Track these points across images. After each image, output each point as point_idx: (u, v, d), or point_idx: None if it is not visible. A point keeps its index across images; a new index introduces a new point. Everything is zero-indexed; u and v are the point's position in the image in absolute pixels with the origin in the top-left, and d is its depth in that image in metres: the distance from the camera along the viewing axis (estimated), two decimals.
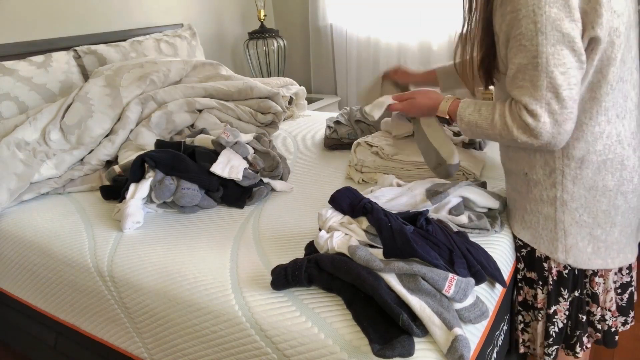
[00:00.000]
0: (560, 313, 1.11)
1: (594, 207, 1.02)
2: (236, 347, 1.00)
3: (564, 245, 1.05)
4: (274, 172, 1.55)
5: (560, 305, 1.10)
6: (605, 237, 1.04)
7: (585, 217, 1.02)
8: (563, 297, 1.09)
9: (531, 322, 1.18)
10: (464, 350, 0.78)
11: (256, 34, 3.07)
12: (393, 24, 2.95)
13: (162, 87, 1.97)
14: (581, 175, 1.00)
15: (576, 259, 1.05)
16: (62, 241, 1.34)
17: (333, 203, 1.08)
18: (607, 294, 1.11)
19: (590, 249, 1.04)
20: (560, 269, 1.08)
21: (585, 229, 1.03)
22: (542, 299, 1.13)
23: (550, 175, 1.03)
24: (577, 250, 1.05)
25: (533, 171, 1.05)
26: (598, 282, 1.10)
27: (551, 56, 0.87)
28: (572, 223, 1.03)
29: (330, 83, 3.42)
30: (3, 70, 1.80)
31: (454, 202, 1.15)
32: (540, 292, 1.13)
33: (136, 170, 1.40)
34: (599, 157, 0.98)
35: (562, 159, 1.00)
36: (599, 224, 1.03)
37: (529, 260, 1.13)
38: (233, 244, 1.21)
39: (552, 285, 1.09)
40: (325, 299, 0.95)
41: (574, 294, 1.10)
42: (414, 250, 0.90)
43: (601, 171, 0.99)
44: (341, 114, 1.98)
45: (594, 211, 1.02)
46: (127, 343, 1.26)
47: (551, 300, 1.10)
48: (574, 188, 1.01)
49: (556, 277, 1.08)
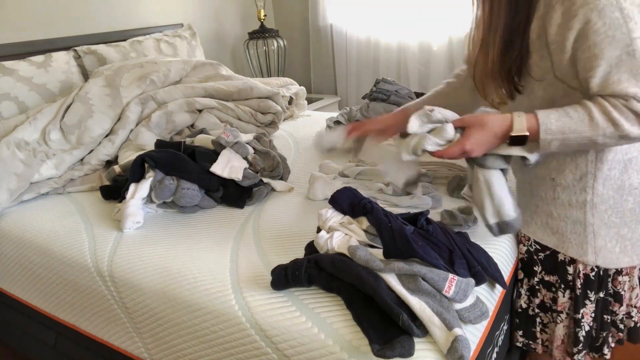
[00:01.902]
0: (587, 316, 1.09)
1: (621, 207, 1.01)
2: (236, 347, 1.00)
3: (594, 247, 1.04)
4: (274, 172, 1.55)
5: (587, 308, 1.09)
6: (631, 235, 1.03)
7: (614, 218, 1.02)
8: (589, 299, 1.08)
9: (549, 324, 1.17)
10: (464, 350, 0.78)
11: (256, 34, 3.07)
12: (393, 24, 2.95)
13: (162, 87, 1.97)
14: (610, 177, 0.99)
15: (605, 259, 1.04)
16: (62, 241, 1.34)
17: (333, 203, 1.08)
18: (633, 291, 1.11)
19: (618, 249, 1.04)
20: (587, 272, 1.06)
21: (614, 229, 1.03)
22: (564, 302, 1.11)
23: (580, 179, 1.01)
24: (606, 251, 1.04)
25: (561, 176, 1.03)
26: (622, 281, 1.09)
27: None
28: (601, 225, 1.02)
29: (330, 83, 3.42)
30: (3, 70, 1.80)
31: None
32: (561, 296, 1.11)
33: (136, 170, 1.40)
34: (624, 156, 0.98)
35: (595, 162, 0.99)
36: (626, 222, 1.02)
37: (550, 264, 1.11)
38: (233, 244, 1.21)
39: (580, 288, 1.07)
40: (325, 299, 0.95)
41: (599, 295, 1.09)
42: (414, 251, 0.90)
43: (627, 170, 0.99)
44: (341, 114, 1.98)
45: (621, 211, 1.01)
46: (127, 343, 1.26)
47: (579, 305, 1.08)
48: (604, 190, 1.00)
49: (583, 280, 1.07)
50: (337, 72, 3.31)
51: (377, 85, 1.96)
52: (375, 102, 1.92)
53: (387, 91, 1.91)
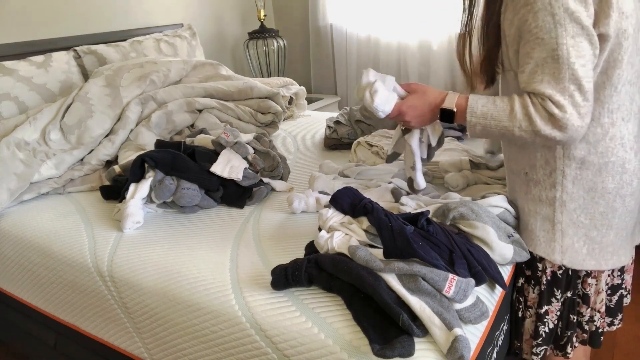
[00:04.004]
0: (552, 314, 1.11)
1: (591, 209, 1.01)
2: (236, 347, 1.00)
3: (561, 246, 1.05)
4: (274, 172, 1.55)
5: (552, 305, 1.10)
6: (601, 239, 1.04)
7: (583, 218, 1.02)
8: (555, 297, 1.09)
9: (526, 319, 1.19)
10: (464, 350, 0.78)
11: (256, 34, 3.07)
12: (393, 23, 2.95)
13: (162, 87, 1.97)
14: (581, 176, 1.00)
15: (571, 259, 1.05)
16: (62, 241, 1.34)
17: (333, 203, 1.08)
18: (599, 295, 1.11)
19: (585, 250, 1.04)
20: (555, 270, 1.08)
21: (582, 230, 1.03)
22: (533, 297, 1.13)
23: (550, 175, 1.03)
24: (573, 251, 1.05)
25: (533, 171, 1.05)
26: (590, 283, 1.10)
27: (572, 48, 0.86)
28: (569, 224, 1.03)
29: (330, 83, 3.42)
30: (3, 70, 1.80)
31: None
32: (531, 291, 1.13)
33: (136, 170, 1.40)
34: (600, 159, 0.98)
35: (563, 159, 1.00)
36: (596, 225, 1.03)
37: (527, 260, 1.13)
38: (233, 244, 1.21)
39: (545, 285, 1.09)
40: (325, 299, 0.95)
41: (566, 294, 1.10)
42: (414, 251, 0.90)
43: (602, 173, 0.99)
44: (341, 114, 1.98)
45: (591, 212, 1.02)
46: (127, 343, 1.26)
47: (543, 301, 1.10)
48: (574, 189, 1.01)
49: (550, 277, 1.09)
50: (337, 72, 3.31)
51: None
52: None
53: None
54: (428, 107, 1.07)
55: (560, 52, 0.87)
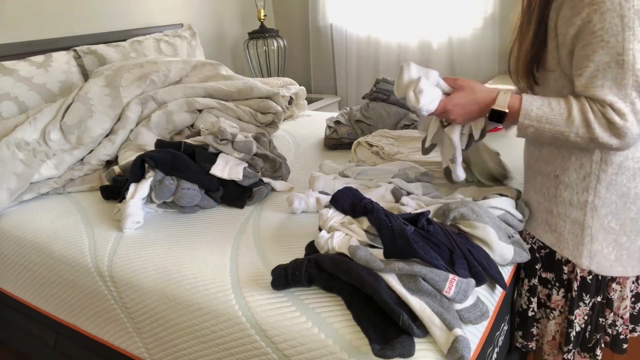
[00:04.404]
0: (580, 317, 1.09)
1: (623, 215, 1.00)
2: (236, 347, 1.00)
3: (589, 251, 1.03)
4: (276, 172, 1.55)
5: (581, 309, 1.09)
6: (629, 245, 1.02)
7: (614, 224, 1.01)
8: (584, 302, 1.08)
9: (542, 319, 1.18)
10: (465, 350, 0.78)
11: (256, 34, 3.07)
12: (393, 23, 2.96)
13: (162, 87, 1.97)
14: (616, 182, 0.98)
15: (599, 265, 1.03)
16: (62, 241, 1.33)
17: (334, 203, 1.08)
18: (622, 301, 1.10)
19: (614, 256, 1.03)
20: (585, 275, 1.06)
21: (612, 236, 1.01)
22: (557, 300, 1.12)
23: (584, 179, 1.00)
24: (602, 257, 1.03)
25: (565, 174, 1.03)
26: (615, 289, 1.09)
27: (638, 53, 0.82)
28: (599, 229, 1.01)
29: (330, 83, 3.43)
30: (3, 70, 1.80)
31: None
32: (555, 294, 1.11)
33: (136, 170, 1.40)
34: (635, 164, 0.96)
35: (600, 163, 0.98)
36: (625, 231, 1.01)
37: (548, 261, 1.12)
38: (233, 243, 1.21)
39: (577, 290, 1.07)
40: (325, 299, 0.95)
41: (595, 298, 1.08)
42: (414, 251, 0.89)
43: (636, 178, 0.97)
44: (341, 114, 1.98)
45: (622, 218, 1.00)
46: (127, 343, 1.26)
47: (573, 306, 1.08)
48: (607, 194, 0.99)
49: (580, 282, 1.07)
50: (337, 72, 3.31)
51: (377, 85, 1.96)
52: (375, 102, 1.92)
53: (387, 91, 1.91)
54: (477, 106, 1.01)
55: (626, 57, 0.83)
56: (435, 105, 1.01)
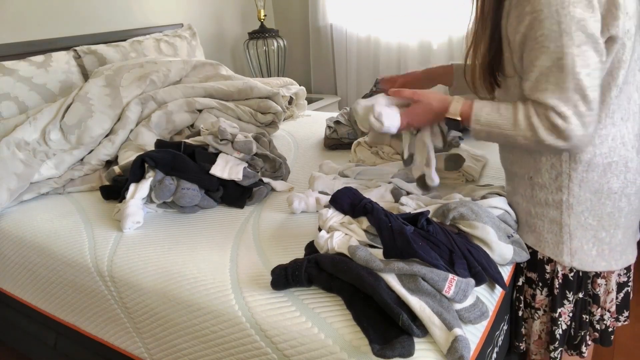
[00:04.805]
0: (565, 315, 1.10)
1: (599, 210, 1.01)
2: (236, 347, 1.00)
3: (569, 249, 1.04)
4: (276, 172, 1.55)
5: (565, 307, 1.10)
6: (610, 240, 1.03)
7: (591, 220, 1.02)
8: (568, 299, 1.09)
9: (528, 319, 1.19)
10: (464, 350, 0.78)
11: (256, 34, 3.07)
12: (393, 23, 2.96)
13: (162, 87, 1.97)
14: (587, 179, 0.99)
15: (581, 261, 1.05)
16: (62, 241, 1.34)
17: (333, 203, 1.08)
18: (608, 295, 1.12)
19: (595, 252, 1.04)
20: (566, 272, 1.07)
21: (590, 232, 1.03)
22: (541, 299, 1.13)
23: (556, 179, 1.02)
24: (582, 253, 1.04)
25: (538, 175, 1.04)
26: (600, 284, 1.10)
27: (577, 57, 0.85)
28: (577, 226, 1.03)
29: (330, 83, 3.42)
30: (3, 70, 1.80)
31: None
32: (539, 293, 1.13)
33: (136, 170, 1.40)
34: (604, 160, 0.98)
35: (569, 162, 0.99)
36: (604, 226, 1.02)
37: (531, 261, 1.13)
38: (233, 243, 1.21)
39: (558, 288, 1.08)
40: (325, 299, 0.95)
41: (577, 295, 1.09)
42: (414, 251, 0.89)
43: (606, 174, 0.99)
44: (341, 114, 1.98)
45: (599, 214, 1.01)
46: (127, 343, 1.26)
47: (556, 304, 1.09)
48: (580, 191, 1.00)
49: (562, 280, 1.08)
50: (337, 72, 3.31)
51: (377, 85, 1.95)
52: None
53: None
54: (433, 115, 1.10)
55: (565, 61, 0.86)
56: (397, 121, 1.10)
